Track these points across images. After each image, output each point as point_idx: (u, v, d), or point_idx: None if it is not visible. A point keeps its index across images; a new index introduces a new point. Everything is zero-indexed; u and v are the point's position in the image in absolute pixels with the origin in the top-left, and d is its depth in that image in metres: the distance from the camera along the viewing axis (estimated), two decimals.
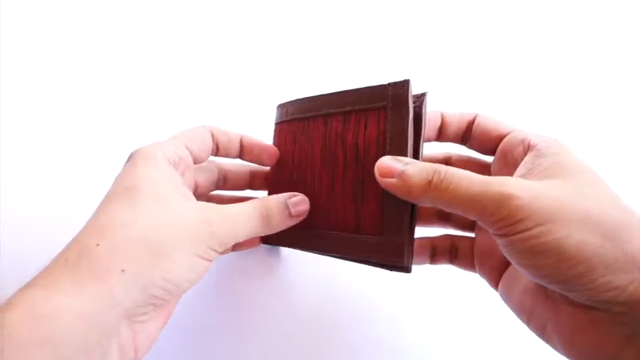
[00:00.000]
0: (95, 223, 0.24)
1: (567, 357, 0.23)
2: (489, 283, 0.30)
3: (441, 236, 0.33)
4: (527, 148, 0.26)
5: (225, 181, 0.35)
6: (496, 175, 0.29)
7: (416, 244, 0.31)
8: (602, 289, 0.20)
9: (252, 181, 0.36)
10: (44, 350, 0.20)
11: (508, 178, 0.23)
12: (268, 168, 0.35)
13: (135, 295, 0.23)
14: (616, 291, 0.20)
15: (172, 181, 0.27)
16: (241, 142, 0.33)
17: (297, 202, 0.30)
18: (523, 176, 0.25)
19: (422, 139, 0.28)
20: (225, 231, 0.26)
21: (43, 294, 0.21)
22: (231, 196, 0.37)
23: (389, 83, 0.28)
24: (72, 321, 0.21)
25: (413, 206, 0.27)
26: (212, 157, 0.33)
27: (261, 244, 0.35)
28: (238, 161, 0.35)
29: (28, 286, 0.21)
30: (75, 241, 0.23)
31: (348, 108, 0.29)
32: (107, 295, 0.22)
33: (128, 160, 0.27)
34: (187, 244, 0.25)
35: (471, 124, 0.30)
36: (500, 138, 0.29)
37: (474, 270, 0.31)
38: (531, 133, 0.27)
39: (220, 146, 0.32)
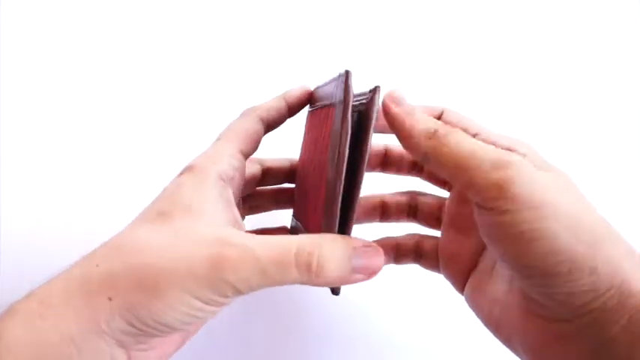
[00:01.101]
0: (108, 244, 0.22)
1: None
2: (454, 286, 0.29)
3: (406, 235, 0.32)
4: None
5: (264, 176, 0.33)
6: None
7: (380, 243, 0.31)
8: (582, 290, 0.19)
9: (293, 174, 0.34)
10: None
11: (507, 152, 0.21)
12: None
13: (120, 327, 0.20)
14: (594, 294, 0.19)
15: (217, 204, 0.23)
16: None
17: (371, 253, 0.22)
18: None
19: (369, 138, 0.23)
20: (242, 279, 0.20)
21: (37, 308, 0.20)
22: (273, 189, 0.35)
23: (339, 75, 0.24)
24: (61, 341, 0.19)
25: (347, 211, 0.23)
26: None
27: None
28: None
29: (28, 296, 0.21)
30: (85, 257, 0.22)
31: (326, 102, 0.26)
32: (92, 321, 0.20)
33: (179, 175, 0.25)
34: (186, 285, 0.20)
35: (437, 118, 0.29)
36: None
37: (439, 271, 0.30)
38: (495, 134, 0.26)
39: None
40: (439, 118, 0.28)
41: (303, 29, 0.45)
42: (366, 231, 0.30)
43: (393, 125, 0.23)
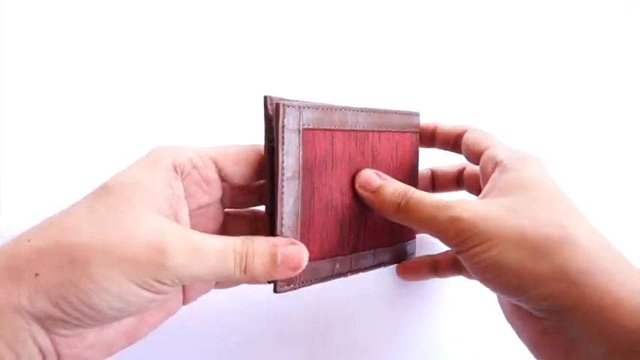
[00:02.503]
0: (46, 220, 0.22)
1: None
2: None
3: (444, 252, 0.35)
4: (496, 165, 0.28)
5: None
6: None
7: (417, 262, 0.35)
8: (537, 299, 0.23)
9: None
10: None
11: (459, 201, 0.26)
12: None
13: (42, 305, 0.20)
14: (549, 301, 0.22)
15: (160, 191, 0.23)
16: None
17: (293, 254, 0.24)
18: (487, 192, 0.27)
19: (280, 154, 0.25)
20: (182, 266, 0.21)
21: None
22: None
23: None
24: None
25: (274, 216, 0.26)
26: None
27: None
28: None
29: None
30: (21, 233, 0.22)
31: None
32: (12, 296, 0.19)
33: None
34: (123, 267, 0.20)
35: (459, 137, 0.32)
36: (481, 153, 0.30)
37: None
38: (506, 148, 0.29)
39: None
40: (461, 136, 0.32)
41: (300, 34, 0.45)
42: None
43: (369, 203, 0.28)
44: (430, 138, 0.34)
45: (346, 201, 0.28)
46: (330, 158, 0.28)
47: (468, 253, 0.24)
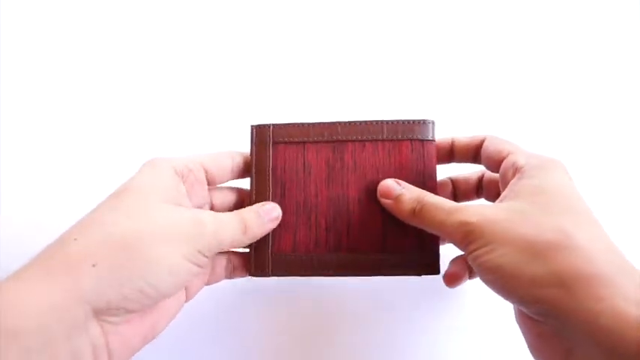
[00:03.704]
0: (80, 222, 0.24)
1: None
2: None
3: None
4: (516, 171, 0.28)
5: (244, 204, 0.35)
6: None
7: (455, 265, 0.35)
8: (533, 302, 0.23)
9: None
10: (8, 341, 0.19)
11: (470, 205, 0.27)
12: None
13: (105, 291, 0.22)
14: (546, 305, 0.22)
15: (170, 190, 0.28)
16: None
17: (269, 209, 0.31)
18: (503, 197, 0.28)
19: (252, 171, 0.33)
20: (214, 233, 0.27)
21: (13, 285, 0.21)
22: None
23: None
24: (37, 312, 0.20)
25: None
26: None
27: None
28: None
29: (6, 278, 0.21)
30: (58, 238, 0.23)
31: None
32: (74, 288, 0.21)
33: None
34: (171, 243, 0.24)
35: (479, 147, 0.32)
36: (502, 160, 0.30)
37: None
38: (527, 154, 0.29)
39: (242, 168, 0.34)
40: (480, 147, 0.33)
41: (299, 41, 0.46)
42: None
43: (391, 210, 0.31)
44: (449, 153, 0.34)
45: (322, 204, 0.33)
46: (302, 166, 0.33)
47: (473, 255, 0.25)
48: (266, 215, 0.31)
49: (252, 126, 0.34)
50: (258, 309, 0.37)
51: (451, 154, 0.34)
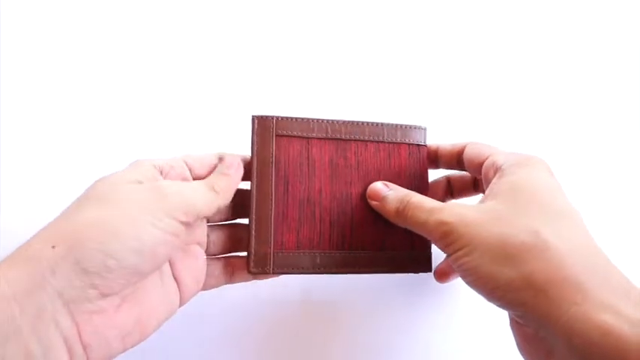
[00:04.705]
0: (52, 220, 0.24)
1: None
2: None
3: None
4: (496, 170, 0.28)
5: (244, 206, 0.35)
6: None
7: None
8: (511, 305, 0.23)
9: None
10: None
11: (450, 205, 0.27)
12: None
13: (66, 272, 0.21)
14: (522, 308, 0.22)
15: (145, 179, 0.27)
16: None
17: (229, 162, 0.30)
18: (485, 197, 0.28)
19: (254, 162, 0.31)
20: (178, 193, 0.26)
21: None
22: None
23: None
24: (2, 304, 0.20)
25: None
26: None
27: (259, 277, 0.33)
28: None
29: None
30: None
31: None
32: (35, 273, 0.20)
33: None
34: (132, 212, 0.23)
35: (460, 153, 0.33)
36: (483, 163, 0.31)
37: None
38: (506, 153, 0.29)
39: None
40: (461, 153, 0.33)
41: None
42: None
43: (379, 211, 0.31)
44: (434, 159, 0.35)
45: (326, 200, 0.32)
46: (306, 161, 0.32)
47: (452, 257, 0.25)
48: (229, 168, 0.30)
49: (253, 116, 0.32)
50: (251, 309, 0.37)
51: (437, 160, 0.35)
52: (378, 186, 0.31)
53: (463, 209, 0.26)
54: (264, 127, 0.32)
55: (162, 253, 0.25)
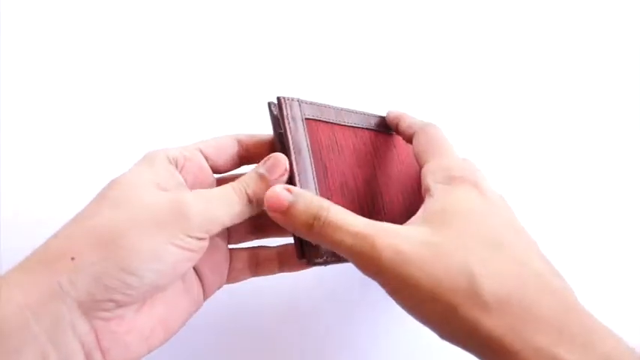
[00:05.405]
0: (68, 221, 0.23)
1: None
2: None
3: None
4: (426, 190, 0.26)
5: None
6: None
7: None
8: (468, 350, 0.21)
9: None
10: None
11: (381, 230, 0.23)
12: None
13: (86, 286, 0.21)
14: (478, 355, 0.21)
15: (161, 177, 0.25)
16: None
17: (272, 165, 0.26)
18: (418, 216, 0.25)
19: (291, 150, 0.27)
20: (202, 212, 0.23)
21: None
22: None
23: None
24: (16, 311, 0.19)
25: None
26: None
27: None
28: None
29: None
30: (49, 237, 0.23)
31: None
32: (52, 283, 0.20)
33: None
34: (151, 229, 0.22)
35: (411, 138, 0.31)
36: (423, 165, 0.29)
37: None
38: (437, 166, 0.27)
39: (250, 152, 0.30)
40: (412, 136, 0.31)
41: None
42: None
43: (281, 224, 0.25)
44: (396, 131, 0.33)
45: (359, 184, 0.30)
46: (335, 145, 0.30)
47: (391, 294, 0.23)
48: (272, 173, 0.26)
49: (278, 97, 0.28)
50: (248, 307, 0.37)
51: (397, 133, 0.33)
52: (278, 191, 0.24)
53: (396, 239, 0.22)
54: (294, 110, 0.29)
55: (183, 267, 0.24)
